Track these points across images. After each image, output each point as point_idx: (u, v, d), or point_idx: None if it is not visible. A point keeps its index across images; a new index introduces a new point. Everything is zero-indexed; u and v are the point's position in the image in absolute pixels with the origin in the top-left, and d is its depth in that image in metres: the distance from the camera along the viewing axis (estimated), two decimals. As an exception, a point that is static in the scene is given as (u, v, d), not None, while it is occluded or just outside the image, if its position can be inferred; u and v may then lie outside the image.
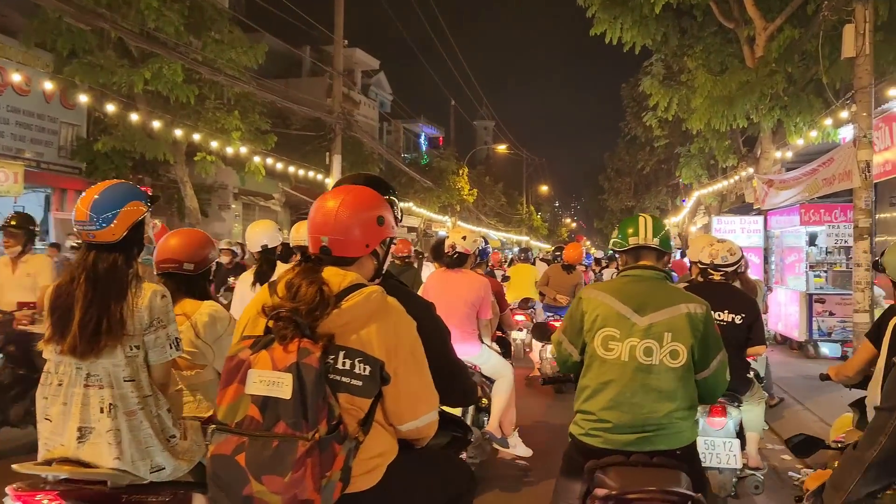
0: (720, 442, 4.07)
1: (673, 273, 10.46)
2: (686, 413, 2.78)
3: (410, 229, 33.74)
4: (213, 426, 1.87)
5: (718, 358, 2.86)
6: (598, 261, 19.60)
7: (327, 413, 1.80)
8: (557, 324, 3.65)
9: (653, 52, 17.49)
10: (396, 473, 2.02)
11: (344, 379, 1.90)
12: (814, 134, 11.05)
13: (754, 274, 12.60)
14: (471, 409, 4.87)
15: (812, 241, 11.10)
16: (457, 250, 5.36)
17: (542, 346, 7.76)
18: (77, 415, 2.45)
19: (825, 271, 11.03)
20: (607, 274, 15.20)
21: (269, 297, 1.98)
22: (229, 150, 15.32)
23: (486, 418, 5.17)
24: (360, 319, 1.94)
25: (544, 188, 66.26)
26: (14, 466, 2.42)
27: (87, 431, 2.45)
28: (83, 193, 2.59)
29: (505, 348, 6.31)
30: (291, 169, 19.43)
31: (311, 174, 20.34)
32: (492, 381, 5.24)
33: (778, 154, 12.55)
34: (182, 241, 3.11)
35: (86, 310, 2.45)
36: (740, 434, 4.34)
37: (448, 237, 5.61)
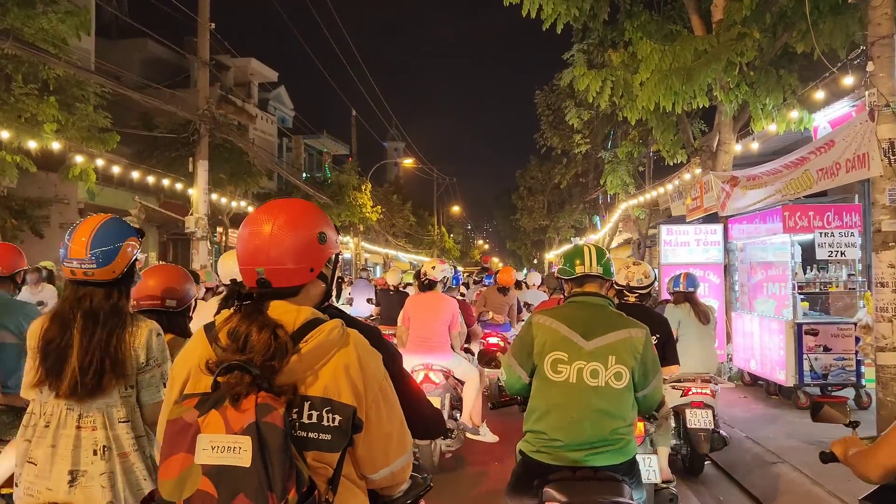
0: (640, 459, 3.87)
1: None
2: (627, 430, 2.96)
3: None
4: None
5: (657, 377, 3.07)
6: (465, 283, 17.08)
7: (296, 479, 1.53)
8: (493, 340, 6.73)
9: (572, 44, 15.42)
10: None
11: (311, 434, 1.65)
12: (794, 115, 8.62)
13: (714, 297, 10.02)
14: (447, 405, 6.14)
15: (802, 253, 8.56)
16: (427, 277, 6.63)
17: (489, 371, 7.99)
18: (68, 457, 2.45)
19: (820, 292, 8.53)
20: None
21: (207, 345, 1.70)
22: (52, 146, 11.74)
23: (458, 413, 6.40)
24: (323, 362, 1.68)
25: (456, 208, 65.37)
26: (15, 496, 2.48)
27: (78, 474, 2.45)
28: (74, 228, 2.59)
29: (471, 355, 7.60)
30: (151, 179, 15.93)
31: (178, 186, 16.91)
32: (462, 383, 6.47)
33: (738, 147, 10.06)
34: (163, 277, 3.20)
35: (86, 351, 2.48)
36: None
37: (423, 267, 6.90)
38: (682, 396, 5.78)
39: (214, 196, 18.36)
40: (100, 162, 12.80)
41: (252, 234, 1.79)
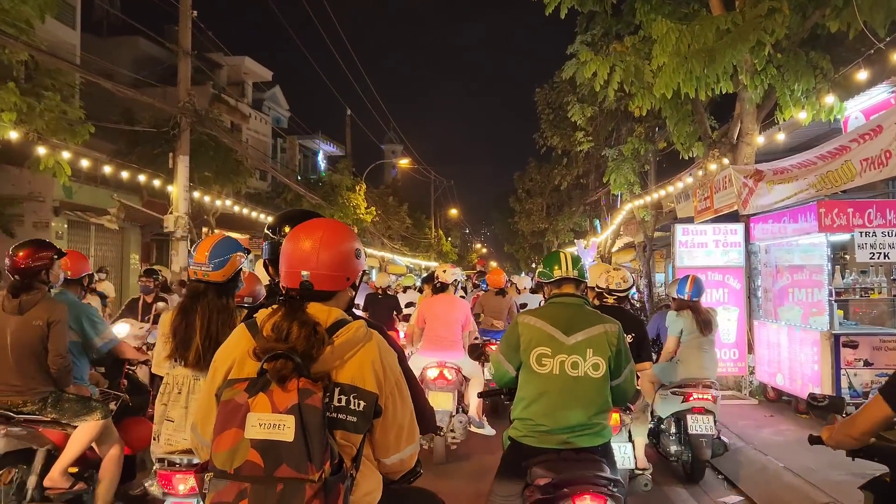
0: (616, 447, 4.25)
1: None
2: (604, 416, 3.31)
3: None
4: (210, 474, 1.82)
5: (629, 367, 3.38)
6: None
7: (330, 453, 1.78)
8: (494, 347, 6.15)
9: (576, 36, 14.64)
10: None
11: (340, 416, 1.90)
12: (829, 100, 7.71)
13: (734, 304, 9.11)
14: (456, 401, 6.69)
15: (842, 255, 7.62)
16: (440, 280, 7.30)
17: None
18: None
19: (863, 296, 7.60)
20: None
21: (249, 338, 1.98)
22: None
23: (462, 408, 6.87)
24: (351, 355, 1.96)
25: (454, 211, 64.60)
26: (154, 454, 3.28)
27: None
28: (199, 242, 3.44)
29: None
30: (133, 177, 14.95)
31: (161, 185, 15.94)
32: (468, 380, 6.96)
33: (761, 139, 9.14)
34: (248, 283, 3.90)
35: (205, 331, 3.22)
36: (630, 439, 5.04)
37: (435, 271, 7.67)
38: (682, 402, 5.85)
39: (198, 195, 17.42)
40: (66, 155, 11.75)
41: (300, 244, 2.05)
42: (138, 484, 4.65)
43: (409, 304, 12.29)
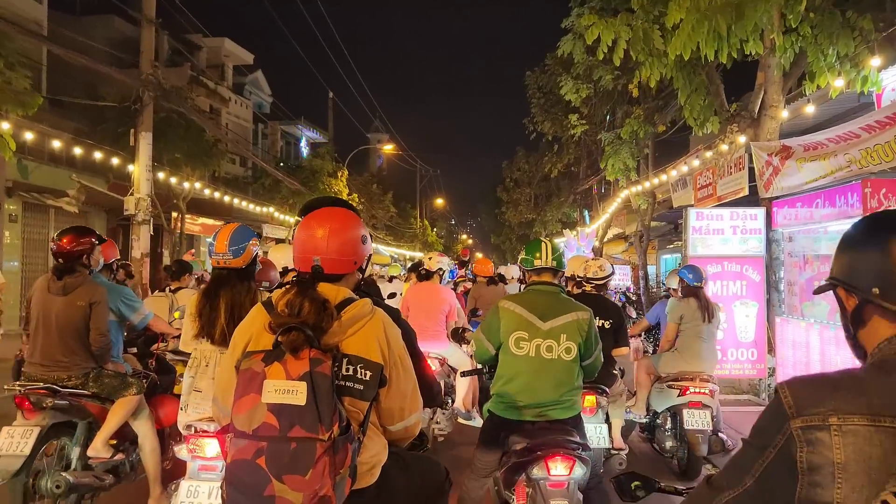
0: (592, 427, 4.66)
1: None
2: (575, 392, 3.65)
3: (278, 241, 28.18)
4: (231, 434, 2.01)
5: (598, 348, 3.73)
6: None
7: (339, 416, 1.96)
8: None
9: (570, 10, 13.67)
10: (389, 472, 2.26)
11: (348, 384, 2.10)
12: (875, 62, 6.68)
13: (753, 298, 8.11)
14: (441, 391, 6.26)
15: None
16: (424, 267, 7.19)
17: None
18: None
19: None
20: None
21: (265, 315, 2.16)
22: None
23: (450, 399, 6.66)
24: (357, 329, 2.16)
25: (440, 201, 63.74)
26: (181, 421, 3.60)
27: None
28: (217, 233, 3.74)
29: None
30: (95, 156, 13.72)
31: (129, 167, 14.72)
32: (456, 371, 6.69)
33: (784, 114, 8.10)
34: (263, 269, 4.57)
35: (230, 312, 3.52)
36: (607, 421, 5.24)
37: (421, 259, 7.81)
38: (679, 396, 5.71)
39: (163, 176, 16.24)
40: (6, 126, 10.55)
41: (311, 232, 2.30)
42: (167, 457, 4.90)
43: (391, 295, 11.51)
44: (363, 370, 2.09)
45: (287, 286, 2.20)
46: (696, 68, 8.56)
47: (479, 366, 4.13)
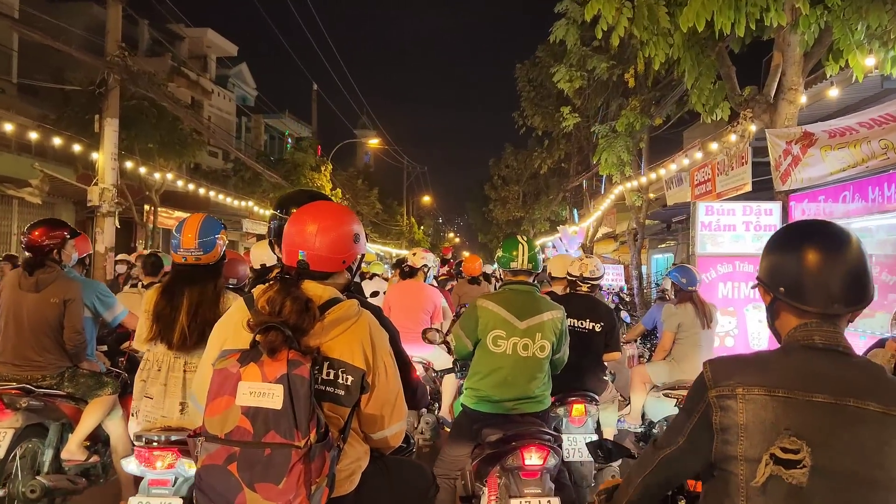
0: (581, 438, 4.48)
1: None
2: (546, 387, 3.83)
3: (259, 237, 27.28)
4: (202, 438, 1.90)
5: (567, 344, 3.93)
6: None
7: (316, 422, 1.87)
8: None
9: None
10: (370, 479, 2.18)
11: (328, 389, 2.01)
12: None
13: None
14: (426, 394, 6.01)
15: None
16: (407, 264, 6.80)
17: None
18: (178, 393, 3.27)
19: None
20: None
21: (246, 312, 2.06)
22: None
23: (437, 405, 6.25)
24: (341, 331, 2.05)
25: (427, 199, 63.20)
26: (131, 429, 3.40)
27: (186, 406, 3.26)
28: (182, 226, 3.43)
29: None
30: (59, 144, 12.79)
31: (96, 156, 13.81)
32: (442, 376, 6.35)
33: (803, 99, 7.35)
34: (231, 264, 4.23)
35: (192, 316, 3.29)
36: (598, 431, 4.97)
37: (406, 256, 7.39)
38: (676, 406, 5.44)
39: (131, 166, 15.36)
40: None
41: (300, 225, 2.17)
42: None
43: (373, 294, 10.83)
44: (344, 375, 2.01)
45: (270, 282, 2.11)
46: (705, 49, 7.82)
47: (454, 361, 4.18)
